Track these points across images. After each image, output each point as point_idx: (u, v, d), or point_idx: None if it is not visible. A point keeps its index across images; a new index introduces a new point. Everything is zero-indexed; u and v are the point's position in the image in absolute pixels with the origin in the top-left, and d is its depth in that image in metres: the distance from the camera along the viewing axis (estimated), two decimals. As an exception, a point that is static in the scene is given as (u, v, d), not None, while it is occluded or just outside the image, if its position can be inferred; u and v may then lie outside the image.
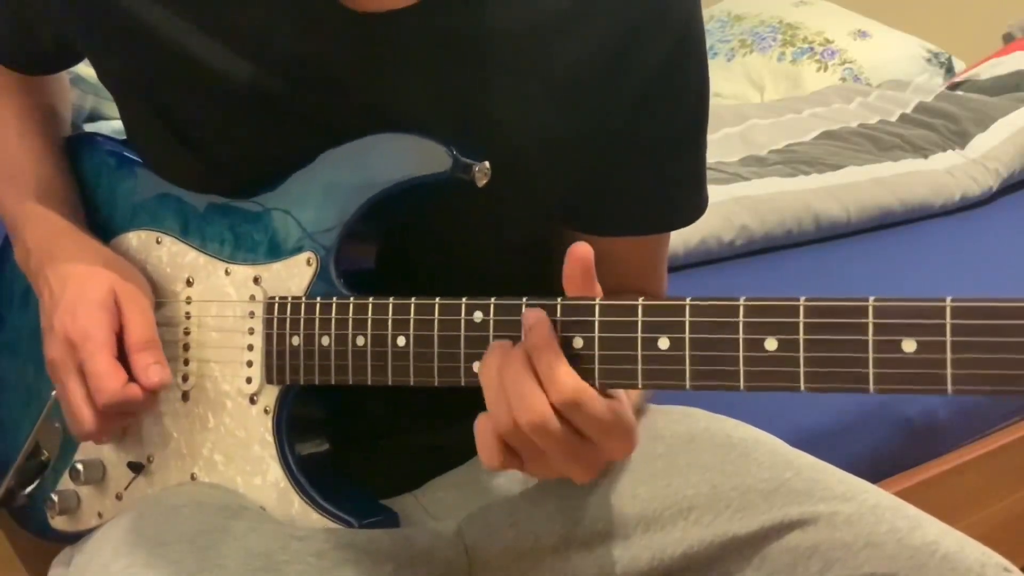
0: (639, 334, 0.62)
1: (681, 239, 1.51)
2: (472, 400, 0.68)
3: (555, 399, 0.61)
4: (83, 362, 0.75)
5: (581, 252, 0.64)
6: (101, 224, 0.86)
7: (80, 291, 0.77)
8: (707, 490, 0.76)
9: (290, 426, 0.77)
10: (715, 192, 0.88)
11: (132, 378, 0.75)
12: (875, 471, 1.25)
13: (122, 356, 0.76)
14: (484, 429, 0.64)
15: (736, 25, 2.97)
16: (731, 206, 1.62)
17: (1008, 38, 2.90)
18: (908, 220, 1.85)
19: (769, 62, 2.81)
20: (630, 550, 0.76)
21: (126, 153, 0.87)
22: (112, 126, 1.43)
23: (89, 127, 1.41)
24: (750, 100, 2.73)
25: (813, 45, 2.79)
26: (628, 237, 0.84)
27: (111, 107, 1.38)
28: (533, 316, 0.63)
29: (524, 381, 0.62)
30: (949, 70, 2.86)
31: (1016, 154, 2.05)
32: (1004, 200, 2.02)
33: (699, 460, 0.78)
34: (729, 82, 2.77)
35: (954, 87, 2.58)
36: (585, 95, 0.76)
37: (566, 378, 0.61)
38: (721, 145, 1.97)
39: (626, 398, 0.65)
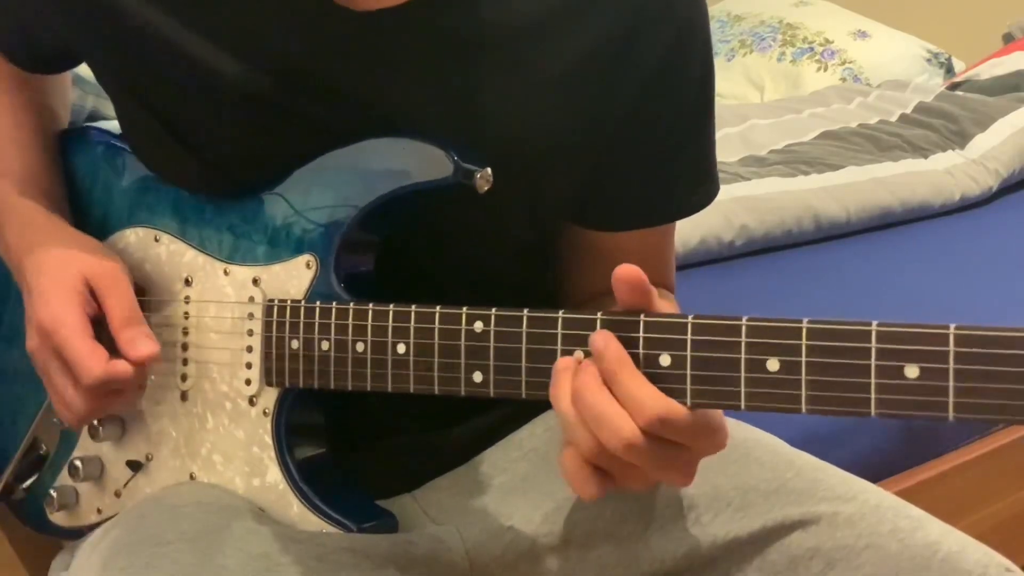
0: (640, 350, 0.61)
1: (681, 239, 1.50)
2: (471, 402, 0.68)
3: (641, 422, 0.59)
4: (59, 348, 0.74)
5: (626, 274, 0.61)
6: (99, 220, 0.86)
7: (51, 280, 0.77)
8: (708, 490, 0.76)
9: (289, 428, 0.76)
10: (716, 191, 0.87)
11: (119, 355, 0.74)
12: (875, 471, 1.24)
13: (105, 338, 0.75)
14: (572, 461, 0.61)
15: (736, 25, 2.97)
16: (731, 206, 1.62)
17: (1008, 38, 2.90)
18: (908, 220, 1.85)
19: (769, 62, 2.81)
20: (630, 550, 0.76)
21: (124, 148, 0.87)
22: (113, 126, 1.43)
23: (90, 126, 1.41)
24: (750, 100, 2.73)
25: (813, 45, 2.79)
26: (631, 232, 0.84)
27: (111, 107, 1.37)
28: (602, 338, 0.61)
29: (603, 405, 0.59)
30: (949, 70, 2.86)
31: (1016, 154, 2.05)
32: (1004, 200, 2.02)
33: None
34: (729, 82, 2.77)
35: (954, 87, 2.58)
36: (587, 90, 0.76)
37: (648, 400, 0.59)
38: (721, 145, 1.95)
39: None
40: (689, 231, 1.52)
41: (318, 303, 0.73)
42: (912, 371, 0.55)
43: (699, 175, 0.84)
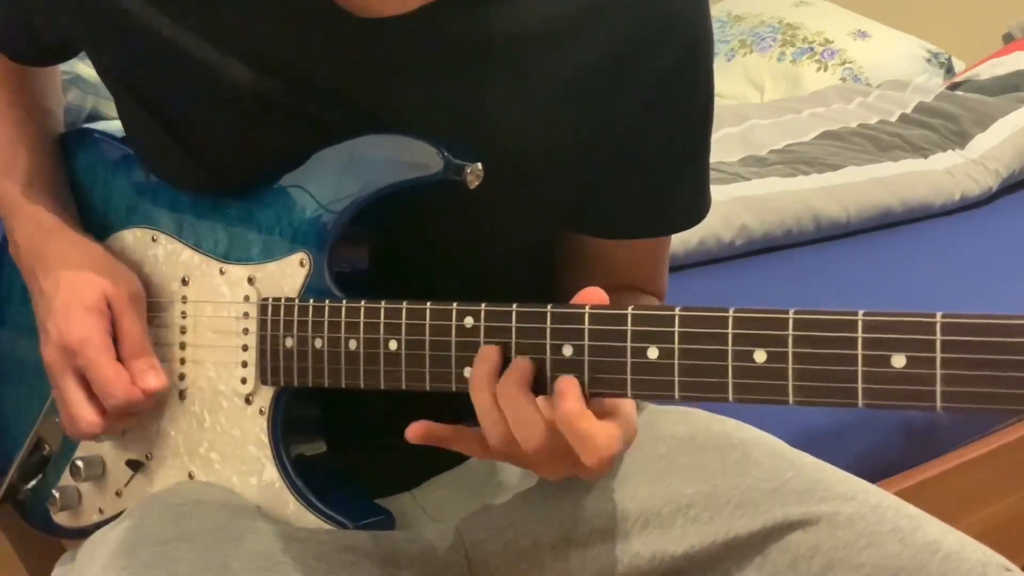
0: (628, 343, 0.62)
1: (681, 239, 1.50)
2: (470, 400, 0.68)
3: (596, 464, 0.63)
4: (84, 368, 0.76)
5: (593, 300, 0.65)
6: (97, 221, 0.86)
7: (72, 295, 0.78)
8: (707, 490, 0.76)
9: (285, 426, 0.76)
10: (715, 192, 0.88)
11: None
12: (875, 471, 1.24)
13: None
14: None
15: (736, 25, 2.97)
16: (731, 206, 1.62)
17: (1008, 38, 2.90)
18: (908, 220, 1.85)
19: (769, 62, 2.81)
20: (630, 549, 0.76)
21: (122, 149, 0.87)
22: (112, 126, 1.43)
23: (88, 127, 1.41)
24: (750, 100, 2.73)
25: (813, 45, 2.79)
26: (628, 240, 0.84)
27: (111, 107, 1.37)
28: (564, 383, 0.63)
29: (526, 408, 0.64)
30: (949, 70, 2.86)
31: (1016, 154, 2.05)
32: (1004, 200, 2.02)
33: (699, 460, 0.78)
34: (729, 82, 2.77)
35: (954, 87, 2.58)
36: (590, 102, 0.76)
37: (606, 445, 0.63)
38: (721, 145, 1.97)
39: (626, 414, 0.66)
40: (689, 231, 1.52)
41: (311, 301, 0.73)
42: (899, 360, 0.55)
43: (695, 190, 0.85)
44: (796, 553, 0.73)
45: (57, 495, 0.86)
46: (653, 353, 0.61)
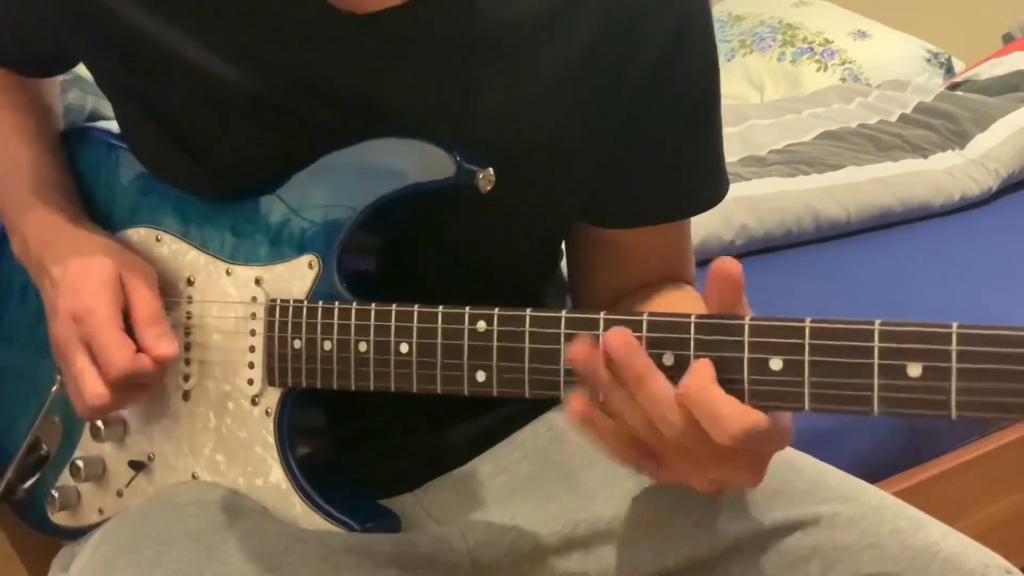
0: (644, 349, 0.61)
1: (681, 239, 1.50)
2: (474, 402, 0.68)
3: (727, 441, 0.58)
4: (90, 337, 0.74)
5: (728, 270, 0.60)
6: (100, 220, 0.86)
7: (83, 271, 0.77)
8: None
9: (292, 428, 0.76)
10: (716, 192, 0.87)
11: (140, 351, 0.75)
12: (875, 471, 1.25)
13: (128, 333, 0.75)
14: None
15: (736, 25, 2.97)
16: (731, 206, 1.61)
17: (1008, 38, 2.90)
18: (908, 220, 1.85)
19: (769, 62, 2.81)
20: (632, 551, 0.76)
21: (125, 148, 0.87)
22: (114, 126, 1.43)
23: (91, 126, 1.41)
24: (750, 100, 2.73)
25: (813, 45, 2.79)
26: (644, 228, 0.83)
27: (111, 107, 1.37)
28: (699, 366, 0.59)
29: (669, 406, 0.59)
30: (949, 70, 2.86)
31: (1015, 154, 2.05)
32: (1004, 200, 2.02)
33: (701, 461, 0.78)
34: (729, 82, 2.77)
35: (954, 87, 2.58)
36: (589, 86, 0.76)
37: (734, 419, 0.57)
38: (721, 145, 1.96)
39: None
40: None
41: (320, 303, 0.73)
42: (915, 370, 0.55)
43: (708, 171, 0.84)
44: (796, 554, 0.73)
45: (56, 495, 0.86)
46: (669, 360, 0.61)
